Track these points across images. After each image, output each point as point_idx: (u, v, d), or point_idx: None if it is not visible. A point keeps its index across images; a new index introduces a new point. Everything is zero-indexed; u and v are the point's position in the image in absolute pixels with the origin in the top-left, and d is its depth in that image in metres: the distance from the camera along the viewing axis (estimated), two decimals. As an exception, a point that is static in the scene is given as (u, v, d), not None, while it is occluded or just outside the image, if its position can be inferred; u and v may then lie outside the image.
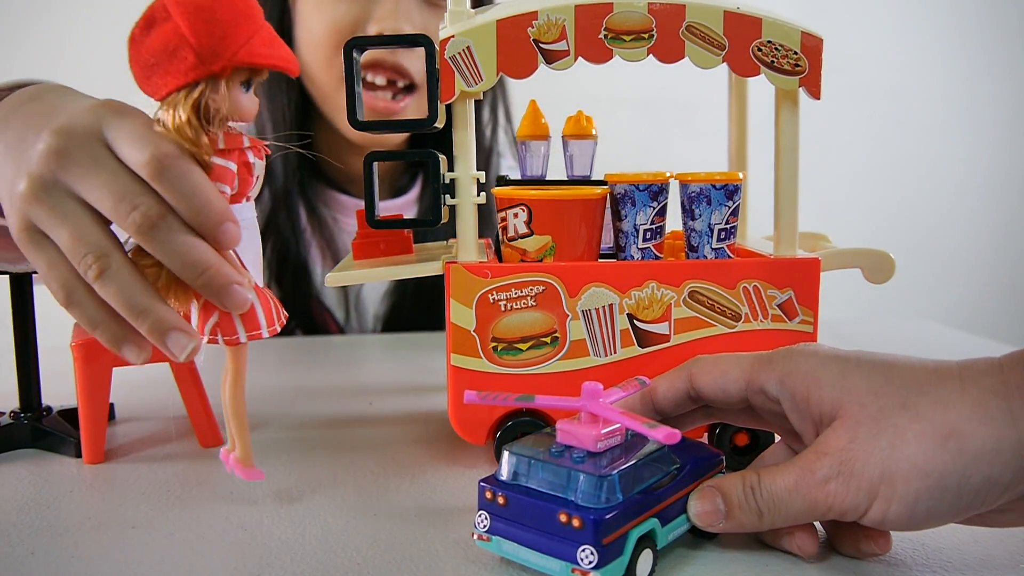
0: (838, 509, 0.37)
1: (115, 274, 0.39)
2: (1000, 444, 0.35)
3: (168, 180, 0.39)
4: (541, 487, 0.38)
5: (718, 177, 0.51)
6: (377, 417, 0.64)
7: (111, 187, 0.39)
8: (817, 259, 0.52)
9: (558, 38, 0.49)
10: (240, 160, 0.42)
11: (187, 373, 0.57)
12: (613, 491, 0.37)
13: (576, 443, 0.39)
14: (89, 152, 0.39)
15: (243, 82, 0.41)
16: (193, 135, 0.39)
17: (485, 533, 0.39)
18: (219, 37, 0.39)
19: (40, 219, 0.40)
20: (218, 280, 0.40)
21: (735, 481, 0.40)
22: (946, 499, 0.36)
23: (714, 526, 0.40)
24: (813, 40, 0.49)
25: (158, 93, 0.40)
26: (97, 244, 0.39)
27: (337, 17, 0.87)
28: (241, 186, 0.42)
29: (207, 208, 0.39)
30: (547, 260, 0.51)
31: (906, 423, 0.36)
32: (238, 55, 0.39)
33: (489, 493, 0.39)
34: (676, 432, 0.37)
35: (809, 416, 0.40)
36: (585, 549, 0.36)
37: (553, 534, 0.37)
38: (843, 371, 0.39)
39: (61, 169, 0.39)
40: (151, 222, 0.39)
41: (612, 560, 0.36)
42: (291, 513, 0.47)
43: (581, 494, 0.37)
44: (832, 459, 0.37)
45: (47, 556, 0.42)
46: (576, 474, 0.37)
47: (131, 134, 0.39)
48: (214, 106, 0.40)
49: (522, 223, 0.51)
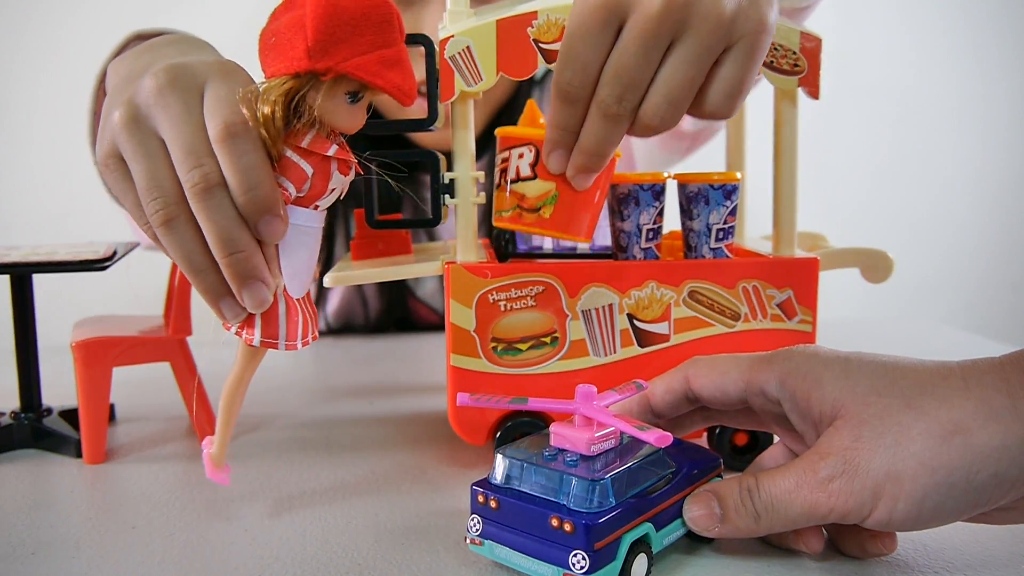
0: (840, 510, 0.37)
1: (179, 227, 0.40)
2: (1006, 440, 0.35)
3: (229, 150, 0.38)
4: (534, 491, 0.38)
5: (716, 177, 0.51)
6: (377, 417, 0.64)
7: (187, 139, 0.39)
8: (816, 259, 0.52)
9: (558, 38, 0.49)
10: (319, 167, 0.40)
11: (188, 373, 0.57)
12: (606, 495, 0.36)
13: (569, 446, 0.39)
14: (184, 99, 0.40)
15: (350, 92, 0.39)
16: (271, 123, 0.39)
17: (477, 537, 0.39)
18: (336, 40, 0.38)
19: (124, 149, 0.40)
20: (243, 266, 0.39)
21: (731, 485, 0.40)
22: (953, 496, 0.35)
23: (710, 530, 0.39)
24: (812, 40, 0.49)
25: (266, 72, 0.40)
26: (169, 191, 0.40)
27: None
28: (311, 191, 0.41)
29: (256, 191, 0.39)
30: (544, 211, 0.48)
31: (911, 421, 0.36)
32: (347, 63, 0.38)
33: (481, 497, 0.39)
34: (667, 435, 0.37)
35: (810, 417, 0.39)
36: (577, 554, 0.35)
37: (545, 539, 0.36)
38: (845, 371, 0.39)
39: (156, 106, 0.40)
40: (207, 185, 0.38)
41: (604, 565, 0.36)
42: (291, 513, 0.47)
43: (573, 498, 0.36)
44: (835, 459, 0.37)
45: (48, 556, 0.42)
46: (568, 478, 0.37)
47: (219, 97, 0.40)
48: (306, 104, 0.39)
49: (527, 165, 0.48)
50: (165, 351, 0.56)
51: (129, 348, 0.55)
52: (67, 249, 0.57)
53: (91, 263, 0.54)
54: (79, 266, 0.54)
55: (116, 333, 0.55)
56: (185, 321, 0.57)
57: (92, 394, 0.54)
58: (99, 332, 0.55)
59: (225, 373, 0.45)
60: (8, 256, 0.55)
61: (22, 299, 0.57)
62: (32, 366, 0.58)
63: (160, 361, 0.57)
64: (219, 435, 0.45)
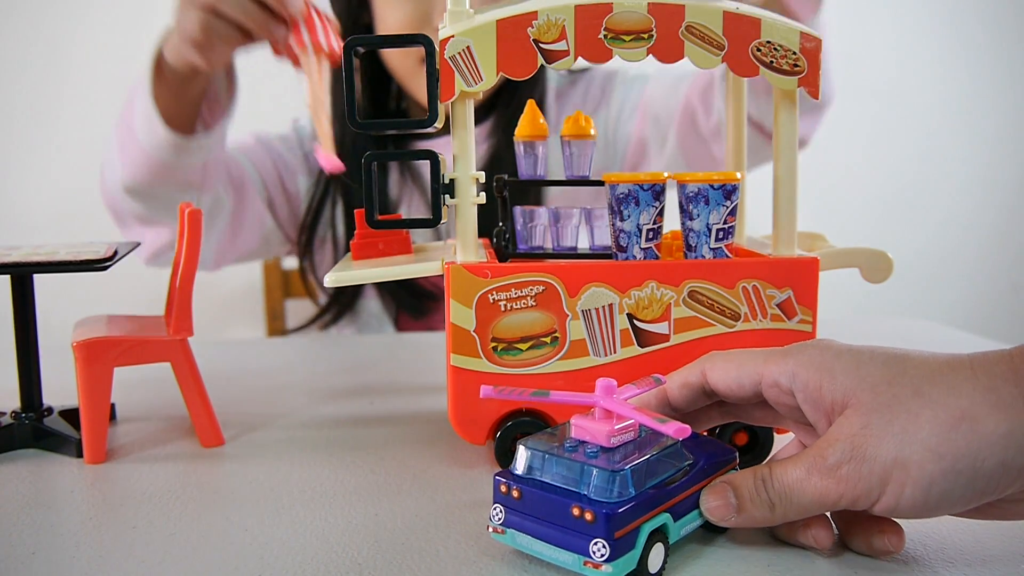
0: (850, 496, 0.37)
1: None
2: (1013, 428, 0.35)
3: None
4: (555, 481, 0.38)
5: (716, 177, 0.51)
6: (377, 417, 0.64)
7: None
8: (816, 259, 0.52)
9: (558, 38, 0.49)
10: None
11: (188, 373, 0.57)
12: (625, 486, 0.37)
13: (590, 438, 0.40)
14: None
15: None
16: None
17: (500, 526, 0.40)
18: None
19: None
20: None
21: (747, 475, 0.40)
22: (960, 483, 0.36)
23: (726, 521, 0.40)
24: (812, 40, 0.49)
25: None
26: None
27: (408, 11, 0.98)
28: None
29: None
30: None
31: (919, 409, 0.37)
32: None
33: (504, 487, 0.40)
34: (686, 427, 0.37)
35: (822, 406, 0.40)
36: (597, 542, 0.36)
37: (566, 527, 0.37)
38: (856, 362, 0.39)
39: None
40: None
41: (624, 554, 0.37)
42: (292, 513, 0.47)
43: (594, 488, 0.37)
44: (844, 444, 0.38)
45: (48, 556, 0.42)
46: (589, 468, 0.38)
47: None
48: None
49: None
50: (166, 351, 0.57)
51: (130, 348, 0.55)
52: (68, 249, 0.58)
53: (92, 263, 0.54)
54: (80, 266, 0.54)
55: (117, 333, 0.55)
56: (186, 321, 0.57)
57: (93, 394, 0.54)
58: (100, 332, 0.55)
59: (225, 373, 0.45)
60: (9, 256, 0.55)
61: (23, 299, 0.57)
62: (33, 366, 0.58)
63: (161, 361, 0.57)
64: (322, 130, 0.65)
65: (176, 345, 0.57)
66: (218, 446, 0.58)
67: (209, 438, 0.58)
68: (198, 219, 0.56)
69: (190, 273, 0.56)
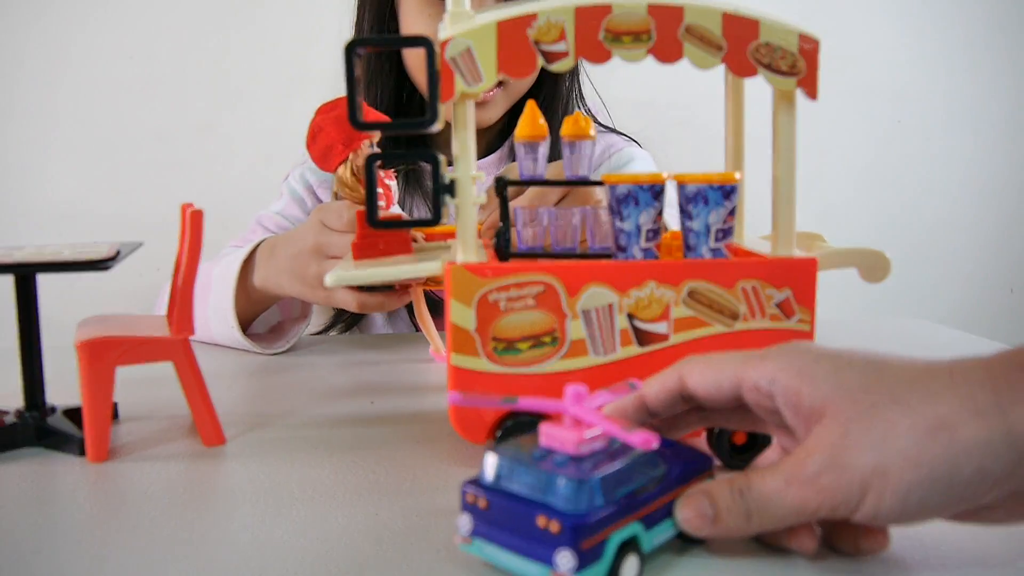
0: (829, 504, 0.37)
1: None
2: (991, 436, 0.35)
3: None
4: (522, 491, 0.38)
5: (715, 177, 0.52)
6: (377, 417, 0.64)
7: None
8: (815, 259, 0.52)
9: (558, 39, 0.49)
10: None
11: (191, 373, 0.58)
12: (593, 495, 0.36)
13: (559, 446, 0.39)
14: None
15: None
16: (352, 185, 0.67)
17: (467, 535, 0.39)
18: None
19: None
20: None
21: (723, 485, 0.40)
22: (937, 490, 0.36)
23: (702, 531, 0.40)
24: (810, 42, 0.50)
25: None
26: None
27: (431, 21, 1.00)
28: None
29: None
30: None
31: (897, 417, 0.37)
32: None
33: (471, 496, 0.39)
34: (652, 437, 0.37)
35: (801, 412, 0.40)
36: (563, 553, 0.35)
37: (532, 538, 0.37)
38: (835, 367, 0.39)
39: None
40: None
41: (591, 564, 0.36)
42: (292, 513, 0.47)
43: (560, 498, 0.36)
44: (823, 454, 0.37)
45: (51, 554, 0.42)
46: (556, 478, 0.37)
47: None
48: None
49: None
50: (168, 351, 0.57)
51: (133, 348, 0.55)
52: (71, 249, 0.58)
53: (95, 263, 0.55)
54: (83, 266, 0.54)
55: (120, 333, 0.56)
56: (188, 321, 0.57)
57: (96, 393, 0.55)
58: (103, 332, 0.56)
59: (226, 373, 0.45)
60: (12, 256, 0.56)
61: (26, 298, 0.58)
62: (36, 365, 0.58)
63: (163, 360, 0.57)
64: None
65: (178, 344, 0.57)
66: (219, 445, 0.58)
67: (211, 437, 0.58)
68: (199, 219, 0.56)
69: (191, 273, 0.57)
